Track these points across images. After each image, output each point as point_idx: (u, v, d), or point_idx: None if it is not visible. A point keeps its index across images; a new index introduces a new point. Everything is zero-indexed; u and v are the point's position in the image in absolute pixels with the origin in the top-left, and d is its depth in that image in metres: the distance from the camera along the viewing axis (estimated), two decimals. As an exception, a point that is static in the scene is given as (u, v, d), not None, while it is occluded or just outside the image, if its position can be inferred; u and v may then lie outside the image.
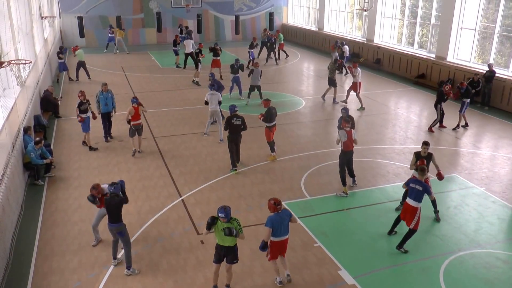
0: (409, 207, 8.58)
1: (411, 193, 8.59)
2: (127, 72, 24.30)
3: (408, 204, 8.61)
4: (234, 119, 11.74)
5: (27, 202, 10.62)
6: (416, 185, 8.52)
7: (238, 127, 11.79)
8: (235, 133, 11.85)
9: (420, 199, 8.50)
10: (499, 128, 15.75)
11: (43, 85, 18.14)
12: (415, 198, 8.52)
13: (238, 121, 11.75)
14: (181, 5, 31.14)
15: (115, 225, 7.84)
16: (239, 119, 11.75)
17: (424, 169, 8.68)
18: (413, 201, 8.55)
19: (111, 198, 7.76)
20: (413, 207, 8.54)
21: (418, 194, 8.49)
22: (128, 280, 7.87)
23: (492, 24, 18.98)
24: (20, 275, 8.05)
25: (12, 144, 10.69)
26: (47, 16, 23.79)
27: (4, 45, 11.22)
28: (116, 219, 7.81)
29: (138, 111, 12.90)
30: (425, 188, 8.46)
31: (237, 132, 11.84)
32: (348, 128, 10.55)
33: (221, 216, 7.07)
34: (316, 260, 8.41)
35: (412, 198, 8.56)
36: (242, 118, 11.83)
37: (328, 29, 31.30)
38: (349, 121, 10.77)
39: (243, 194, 10.92)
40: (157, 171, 12.18)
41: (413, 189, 8.55)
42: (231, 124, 11.75)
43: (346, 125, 10.58)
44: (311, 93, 20.26)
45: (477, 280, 7.94)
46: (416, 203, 8.52)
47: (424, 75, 21.79)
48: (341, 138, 10.54)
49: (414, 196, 8.53)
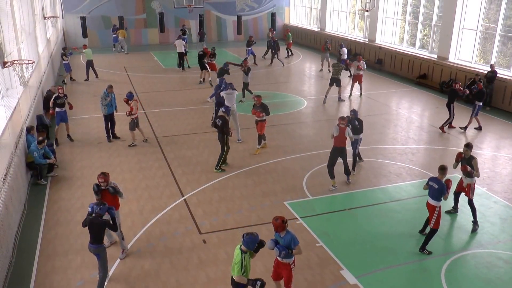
0: (429, 205, 8.65)
1: (430, 191, 8.62)
2: (130, 72, 24.35)
3: (428, 203, 8.67)
4: (217, 119, 12.08)
5: (30, 202, 10.67)
6: (433, 183, 8.56)
7: (218, 128, 12.00)
8: (218, 132, 12.14)
9: (438, 198, 8.48)
10: (500, 128, 15.75)
11: (46, 85, 18.21)
12: (432, 196, 8.57)
13: (219, 122, 11.96)
14: (183, 6, 31.19)
15: (93, 246, 7.39)
16: (220, 121, 11.96)
17: (444, 168, 8.55)
18: (431, 199, 8.59)
19: (95, 218, 7.30)
20: (432, 205, 8.57)
21: (434, 192, 8.51)
22: (130, 279, 7.90)
23: (494, 24, 18.97)
24: (23, 274, 8.09)
25: (15, 144, 10.74)
26: (50, 16, 23.85)
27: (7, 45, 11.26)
28: (96, 240, 7.35)
29: (136, 105, 13.74)
30: (440, 187, 8.42)
31: (218, 131, 12.07)
32: (343, 125, 10.66)
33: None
34: (318, 260, 8.43)
35: (431, 196, 8.61)
36: (225, 121, 11.94)
37: (330, 30, 31.33)
38: (345, 118, 10.86)
39: (245, 194, 10.94)
40: (160, 171, 12.22)
41: (431, 187, 8.60)
42: (215, 123, 12.13)
43: (341, 121, 10.70)
44: (313, 93, 20.28)
45: (479, 280, 7.95)
46: (434, 201, 8.53)
47: (425, 75, 21.79)
48: (333, 133, 10.76)
49: (432, 194, 8.58)
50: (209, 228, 9.48)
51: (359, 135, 11.75)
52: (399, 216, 10.03)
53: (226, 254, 8.58)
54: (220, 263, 8.34)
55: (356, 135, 11.60)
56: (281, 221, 6.75)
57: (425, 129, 15.66)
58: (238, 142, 14.03)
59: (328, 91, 18.58)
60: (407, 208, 10.34)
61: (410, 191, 11.15)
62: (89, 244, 7.44)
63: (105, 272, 7.52)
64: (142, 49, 31.51)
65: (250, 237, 6.36)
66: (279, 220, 6.77)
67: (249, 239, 6.34)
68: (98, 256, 7.44)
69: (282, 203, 10.47)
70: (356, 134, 11.55)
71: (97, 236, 7.35)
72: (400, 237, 9.21)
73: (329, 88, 18.52)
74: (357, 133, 11.64)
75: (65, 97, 14.33)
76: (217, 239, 9.10)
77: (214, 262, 8.37)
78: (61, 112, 14.10)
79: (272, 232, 9.27)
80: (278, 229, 6.82)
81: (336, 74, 18.24)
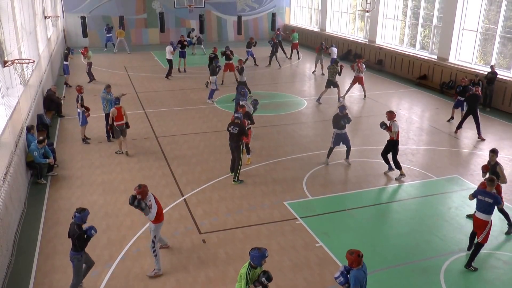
0: (479, 220, 8.12)
1: (480, 205, 8.11)
2: (130, 72, 24.36)
3: (478, 218, 8.15)
4: (231, 127, 11.23)
5: (29, 201, 10.67)
6: (485, 197, 8.02)
7: (234, 136, 11.16)
8: (231, 141, 11.31)
9: (490, 211, 8.03)
10: (500, 129, 15.75)
11: (46, 85, 18.22)
12: (484, 211, 8.05)
13: (235, 130, 11.11)
14: (184, 6, 31.19)
15: (70, 252, 7.23)
16: (236, 128, 11.13)
17: (493, 179, 8.12)
18: (482, 214, 8.08)
19: (71, 224, 7.16)
20: (483, 220, 8.07)
21: (487, 206, 8.00)
22: (130, 279, 7.90)
23: (494, 25, 18.98)
24: (22, 273, 8.09)
25: (15, 143, 10.75)
26: (51, 16, 23.86)
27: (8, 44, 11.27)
28: (72, 246, 7.17)
29: (121, 111, 12.99)
30: (495, 199, 7.96)
31: (232, 140, 11.25)
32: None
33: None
34: (317, 260, 8.43)
35: (481, 211, 8.08)
36: (242, 127, 11.17)
37: (330, 30, 31.33)
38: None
39: (245, 194, 10.95)
40: (160, 171, 12.22)
41: (481, 201, 8.07)
42: (229, 130, 11.28)
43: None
44: (313, 93, 20.27)
45: (478, 280, 7.96)
46: (486, 216, 8.03)
47: (426, 76, 21.80)
48: (395, 129, 11.43)
49: (484, 209, 8.05)
50: (209, 228, 9.49)
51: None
52: (398, 216, 10.04)
53: (226, 254, 8.59)
54: (220, 263, 8.34)
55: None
56: (356, 255, 6.04)
57: (425, 130, 15.67)
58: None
59: (323, 92, 18.61)
60: (406, 209, 10.35)
61: (409, 191, 11.16)
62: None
63: (77, 279, 7.34)
64: (142, 49, 31.52)
65: (255, 251, 5.94)
66: (355, 254, 6.05)
67: (255, 254, 5.95)
68: (72, 263, 7.26)
69: (282, 203, 10.47)
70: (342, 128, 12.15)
71: (73, 243, 7.14)
72: (399, 237, 9.22)
73: (325, 90, 18.57)
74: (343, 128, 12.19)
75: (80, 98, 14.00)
76: (217, 239, 9.10)
77: (214, 262, 8.37)
78: (80, 112, 13.93)
79: (272, 232, 9.33)
80: (353, 264, 6.08)
81: (331, 76, 18.28)
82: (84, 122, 14.03)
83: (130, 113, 16.84)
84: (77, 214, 7.11)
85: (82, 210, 7.17)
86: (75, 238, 7.08)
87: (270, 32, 34.32)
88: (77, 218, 7.10)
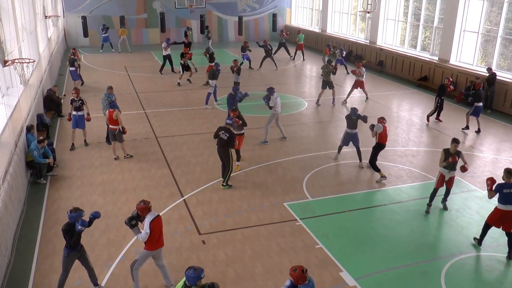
0: (509, 213, 8.32)
1: (506, 198, 8.31)
2: (130, 72, 24.34)
3: (506, 210, 8.34)
4: (221, 132, 10.90)
5: (29, 201, 10.65)
6: (510, 189, 8.26)
7: (223, 141, 10.87)
8: (219, 146, 11.01)
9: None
10: (501, 131, 15.73)
11: (46, 84, 18.21)
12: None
13: (225, 136, 10.82)
14: (185, 6, 31.16)
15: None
16: (226, 134, 10.84)
17: (510, 170, 8.38)
18: (511, 206, 8.31)
19: (64, 225, 7.27)
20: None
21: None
22: (129, 279, 7.86)
23: (495, 27, 18.96)
24: (22, 273, 8.07)
25: (15, 143, 10.72)
26: (51, 16, 23.86)
27: (8, 44, 11.25)
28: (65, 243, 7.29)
29: (112, 115, 12.55)
30: None
31: (220, 145, 10.97)
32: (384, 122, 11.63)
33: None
34: (317, 262, 8.41)
35: (510, 203, 8.31)
36: (232, 134, 10.90)
37: (331, 31, 31.32)
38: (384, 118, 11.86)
39: (245, 194, 10.92)
40: (159, 171, 12.20)
41: (507, 194, 8.28)
42: (218, 135, 10.95)
43: (383, 121, 11.59)
44: (313, 94, 20.24)
45: (479, 283, 7.93)
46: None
47: (426, 77, 21.77)
48: (377, 130, 11.49)
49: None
50: (209, 229, 9.47)
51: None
52: (399, 218, 10.01)
53: (225, 255, 8.56)
54: (219, 264, 8.32)
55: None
56: (300, 271, 5.79)
57: (425, 131, 15.64)
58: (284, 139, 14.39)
59: (321, 94, 18.59)
60: (407, 210, 10.32)
61: (410, 193, 11.14)
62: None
63: (63, 274, 7.36)
64: (143, 49, 31.51)
65: (191, 272, 5.67)
66: (298, 270, 5.80)
67: (190, 274, 5.67)
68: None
69: (281, 204, 10.45)
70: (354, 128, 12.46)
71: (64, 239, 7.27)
72: (400, 239, 9.19)
73: (322, 91, 18.54)
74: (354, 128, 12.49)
75: (81, 101, 13.63)
76: (216, 240, 9.08)
77: (213, 263, 8.35)
78: (76, 116, 13.56)
79: (271, 234, 9.30)
80: (299, 281, 5.82)
81: (326, 76, 18.24)
82: (82, 126, 13.75)
83: (130, 113, 16.90)
84: (69, 213, 7.19)
85: (75, 210, 7.21)
86: (64, 233, 7.20)
87: (271, 33, 34.36)
88: (68, 217, 7.21)
